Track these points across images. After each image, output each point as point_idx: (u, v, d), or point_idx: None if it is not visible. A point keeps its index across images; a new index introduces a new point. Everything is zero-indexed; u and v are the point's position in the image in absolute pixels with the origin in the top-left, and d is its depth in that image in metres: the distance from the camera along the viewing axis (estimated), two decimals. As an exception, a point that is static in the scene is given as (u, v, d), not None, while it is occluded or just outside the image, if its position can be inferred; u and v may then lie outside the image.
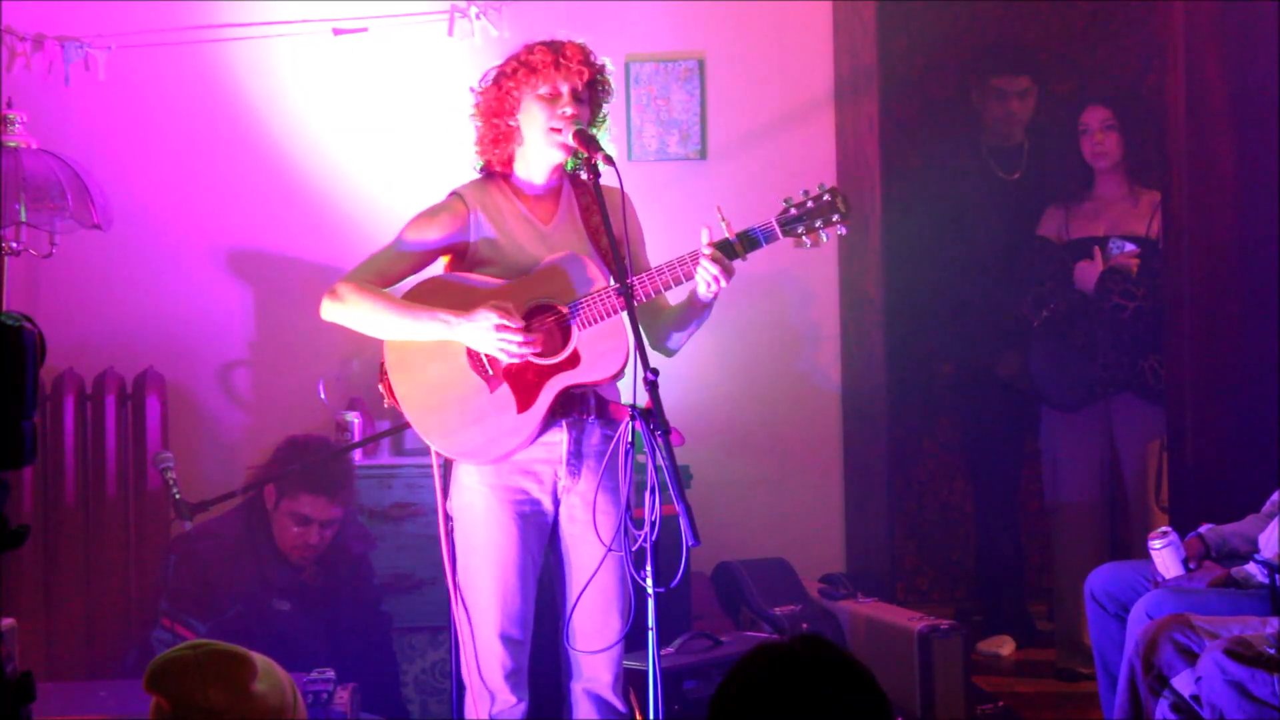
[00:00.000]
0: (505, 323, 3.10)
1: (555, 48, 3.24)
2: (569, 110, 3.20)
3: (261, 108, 4.83)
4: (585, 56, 3.24)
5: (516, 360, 3.15)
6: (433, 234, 3.28)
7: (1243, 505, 3.93)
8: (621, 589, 3.24)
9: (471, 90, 3.32)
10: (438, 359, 3.20)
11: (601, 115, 3.30)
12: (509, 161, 3.31)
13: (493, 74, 3.29)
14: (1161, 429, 4.64)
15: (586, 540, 3.21)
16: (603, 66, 3.28)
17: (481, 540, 3.23)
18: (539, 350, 3.15)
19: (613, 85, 3.31)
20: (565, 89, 3.21)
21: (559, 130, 3.21)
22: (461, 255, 3.29)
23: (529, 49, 3.25)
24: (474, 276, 3.25)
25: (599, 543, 3.15)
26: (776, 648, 1.95)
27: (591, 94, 3.25)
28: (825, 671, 1.91)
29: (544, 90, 3.22)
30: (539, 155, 3.28)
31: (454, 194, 3.32)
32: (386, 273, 3.27)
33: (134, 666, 4.10)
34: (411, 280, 3.30)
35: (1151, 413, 4.72)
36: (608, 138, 3.29)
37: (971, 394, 5.38)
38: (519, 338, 3.11)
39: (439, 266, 3.34)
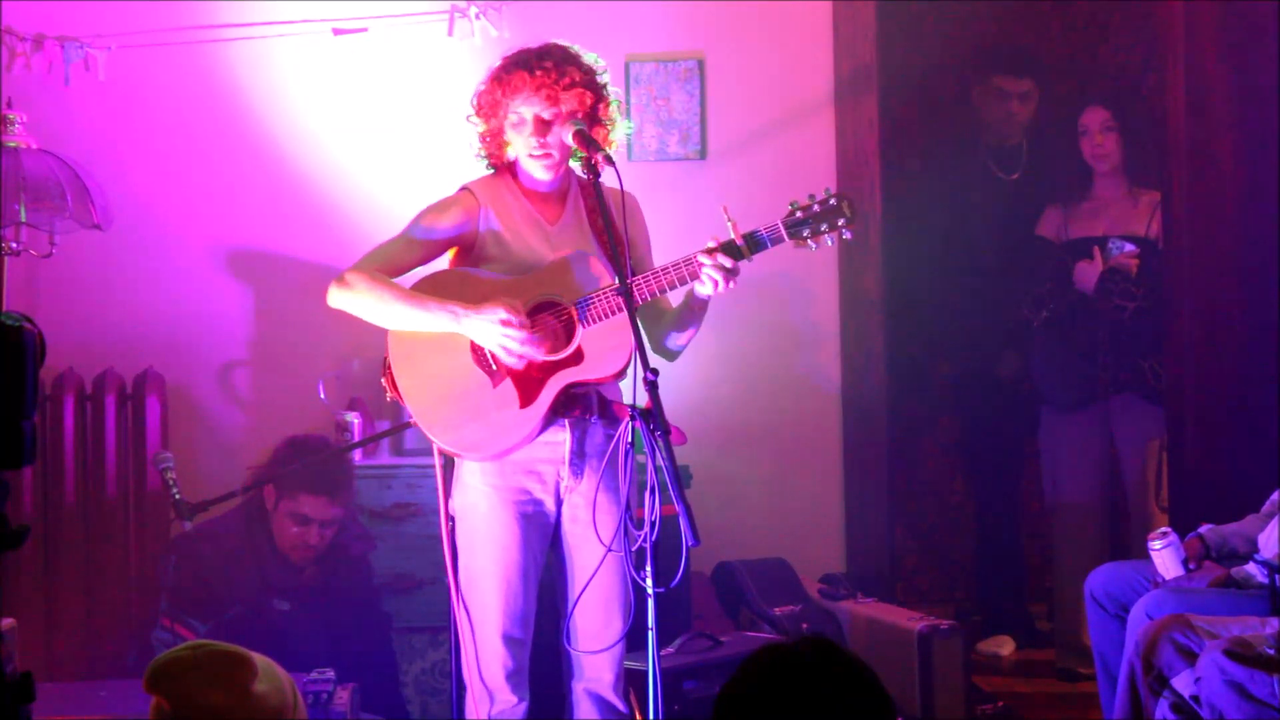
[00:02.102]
0: (510, 318, 3.11)
1: (500, 76, 3.22)
2: (534, 142, 3.21)
3: (261, 108, 4.83)
4: (556, 77, 3.20)
5: (517, 360, 3.15)
6: (443, 225, 3.29)
7: (1243, 505, 3.93)
8: (622, 589, 3.24)
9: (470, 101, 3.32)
10: (442, 352, 3.20)
11: (609, 118, 3.27)
12: (514, 163, 3.32)
13: (476, 94, 3.29)
14: (1161, 429, 4.64)
15: (588, 540, 3.21)
16: (582, 79, 3.22)
17: (484, 540, 3.23)
18: (542, 354, 3.15)
19: (603, 90, 3.25)
20: (529, 116, 3.21)
21: (536, 157, 3.23)
22: (469, 250, 3.30)
23: (505, 69, 3.23)
24: (481, 271, 3.25)
25: (599, 543, 3.16)
26: (781, 649, 1.95)
27: (573, 109, 3.22)
28: (830, 673, 1.91)
29: (512, 119, 3.23)
30: (530, 169, 3.29)
31: (465, 188, 3.33)
32: (395, 263, 3.27)
33: (134, 666, 4.09)
34: (417, 274, 3.30)
35: (1151, 413, 4.72)
36: (616, 145, 3.28)
37: (971, 394, 5.38)
38: (521, 334, 3.11)
39: (444, 262, 3.35)
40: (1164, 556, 3.76)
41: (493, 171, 3.36)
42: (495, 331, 3.12)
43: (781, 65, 5.02)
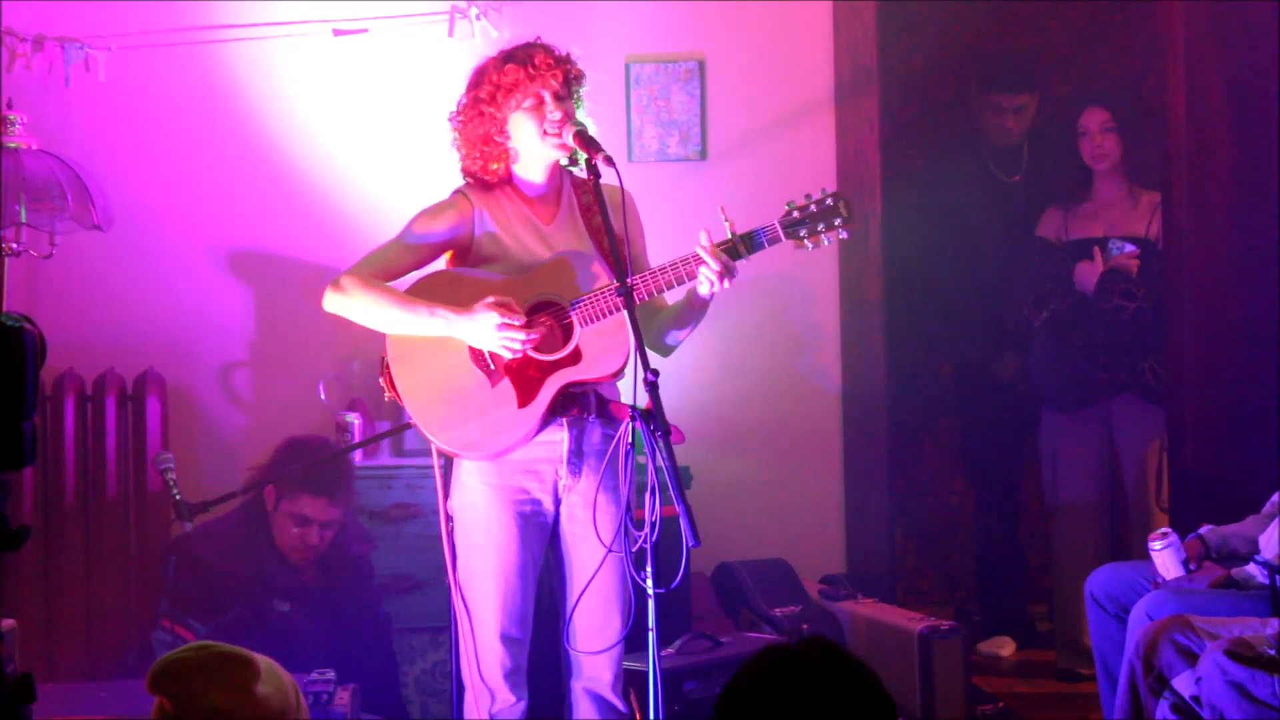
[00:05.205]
0: (509, 321, 3.11)
1: (522, 59, 3.25)
2: (557, 115, 3.22)
3: (261, 108, 4.83)
4: (552, 57, 3.26)
5: (519, 355, 3.16)
6: (438, 228, 3.29)
7: (1243, 505, 3.93)
8: (622, 589, 3.25)
9: (450, 119, 3.32)
10: (440, 352, 3.21)
11: (578, 99, 3.30)
12: (506, 174, 3.32)
13: (467, 101, 3.29)
14: (1161, 429, 4.64)
15: (587, 540, 3.21)
16: (568, 55, 3.29)
17: (482, 540, 3.24)
18: (538, 341, 3.15)
19: (583, 70, 3.31)
20: (547, 94, 3.23)
21: (556, 134, 3.23)
22: (465, 251, 3.30)
23: (498, 69, 3.26)
24: (476, 271, 3.26)
25: (599, 543, 3.16)
26: (783, 650, 1.95)
27: (569, 88, 3.27)
28: (830, 674, 1.91)
29: (528, 103, 3.24)
30: (538, 159, 3.30)
31: (458, 191, 3.34)
32: (390, 267, 3.28)
33: (134, 667, 4.10)
34: (414, 276, 3.31)
35: (1151, 413, 4.72)
36: (592, 124, 3.30)
37: (971, 394, 5.38)
38: (521, 335, 3.12)
39: (441, 265, 3.35)
40: (1164, 557, 3.76)
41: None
42: (494, 336, 3.13)
43: (781, 65, 5.01)
